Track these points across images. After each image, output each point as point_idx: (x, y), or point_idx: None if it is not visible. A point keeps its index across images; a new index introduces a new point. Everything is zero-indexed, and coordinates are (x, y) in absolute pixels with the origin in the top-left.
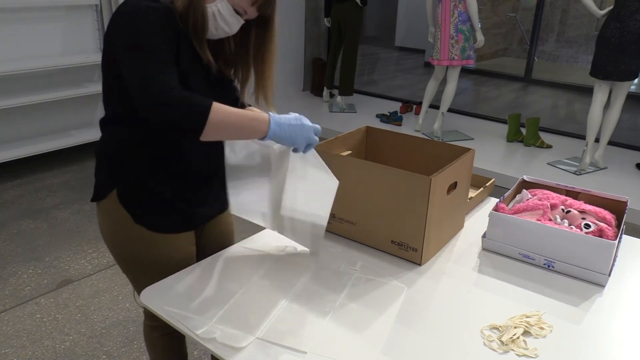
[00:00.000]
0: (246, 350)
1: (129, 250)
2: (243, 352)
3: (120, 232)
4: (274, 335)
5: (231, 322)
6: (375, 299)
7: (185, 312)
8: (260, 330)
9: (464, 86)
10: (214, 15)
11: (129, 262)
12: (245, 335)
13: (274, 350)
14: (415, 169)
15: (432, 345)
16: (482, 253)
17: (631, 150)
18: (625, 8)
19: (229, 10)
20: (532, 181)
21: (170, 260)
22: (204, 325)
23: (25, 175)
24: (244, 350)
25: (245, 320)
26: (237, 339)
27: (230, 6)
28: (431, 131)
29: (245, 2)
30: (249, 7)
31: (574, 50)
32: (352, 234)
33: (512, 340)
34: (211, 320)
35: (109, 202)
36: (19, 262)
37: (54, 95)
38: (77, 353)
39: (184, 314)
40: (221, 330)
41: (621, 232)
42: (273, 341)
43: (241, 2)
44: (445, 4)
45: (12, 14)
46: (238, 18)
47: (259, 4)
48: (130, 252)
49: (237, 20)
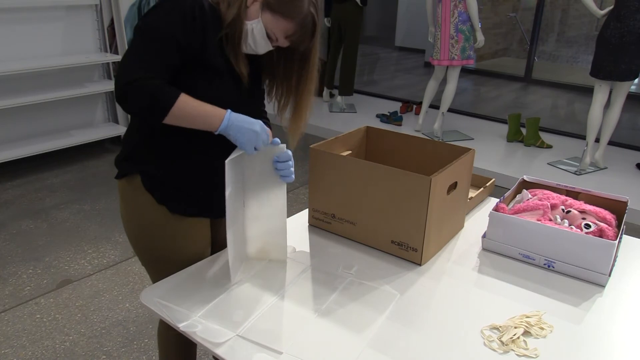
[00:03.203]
0: (224, 346)
1: (149, 235)
2: (221, 348)
3: (142, 215)
4: (254, 334)
5: (216, 317)
6: (364, 304)
7: (174, 306)
8: (242, 327)
9: (464, 86)
10: (246, 33)
11: (149, 248)
12: (225, 331)
13: (251, 348)
14: (415, 169)
15: (432, 346)
16: (482, 253)
17: (631, 150)
18: (625, 8)
19: (262, 32)
20: (532, 181)
21: (186, 249)
22: (188, 318)
23: (25, 175)
24: (222, 346)
25: (229, 317)
26: (217, 334)
27: (264, 29)
28: (431, 131)
29: (280, 31)
30: (282, 37)
31: (574, 50)
32: (352, 234)
33: (512, 340)
34: (196, 315)
35: (132, 184)
36: (19, 262)
37: (54, 95)
38: (77, 353)
39: (173, 307)
40: (203, 325)
41: (621, 232)
42: (252, 339)
43: (275, 30)
44: (445, 4)
45: (12, 14)
46: (268, 42)
47: (292, 38)
48: (150, 236)
49: (267, 43)
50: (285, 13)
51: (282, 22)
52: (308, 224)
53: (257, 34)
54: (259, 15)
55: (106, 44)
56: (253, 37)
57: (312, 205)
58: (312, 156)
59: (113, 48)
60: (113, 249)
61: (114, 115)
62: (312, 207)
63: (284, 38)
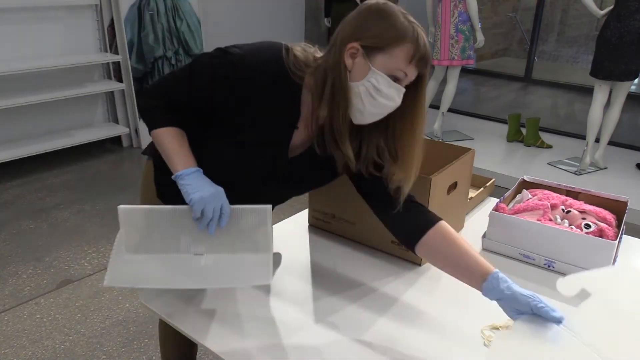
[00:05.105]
0: (221, 343)
1: None
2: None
3: (147, 201)
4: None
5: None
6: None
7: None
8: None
9: (464, 86)
10: (368, 93)
11: None
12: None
13: (252, 347)
14: None
15: (432, 346)
16: (482, 253)
17: (631, 150)
18: (625, 8)
19: (385, 81)
20: (532, 181)
21: None
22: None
23: (25, 175)
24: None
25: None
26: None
27: (385, 76)
28: (431, 131)
29: (403, 62)
30: (407, 66)
31: (574, 50)
32: (352, 234)
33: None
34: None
35: (147, 168)
36: (19, 262)
37: (54, 95)
38: (77, 353)
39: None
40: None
41: (621, 232)
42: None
43: (398, 64)
44: (445, 4)
45: (12, 14)
46: (396, 86)
47: (416, 59)
48: None
49: (397, 88)
50: (396, 39)
51: (398, 51)
52: (308, 224)
53: (381, 84)
54: (370, 66)
55: (106, 44)
56: (377, 91)
57: (312, 205)
58: None
59: (113, 48)
60: None
61: (114, 115)
62: (312, 207)
63: (409, 64)
